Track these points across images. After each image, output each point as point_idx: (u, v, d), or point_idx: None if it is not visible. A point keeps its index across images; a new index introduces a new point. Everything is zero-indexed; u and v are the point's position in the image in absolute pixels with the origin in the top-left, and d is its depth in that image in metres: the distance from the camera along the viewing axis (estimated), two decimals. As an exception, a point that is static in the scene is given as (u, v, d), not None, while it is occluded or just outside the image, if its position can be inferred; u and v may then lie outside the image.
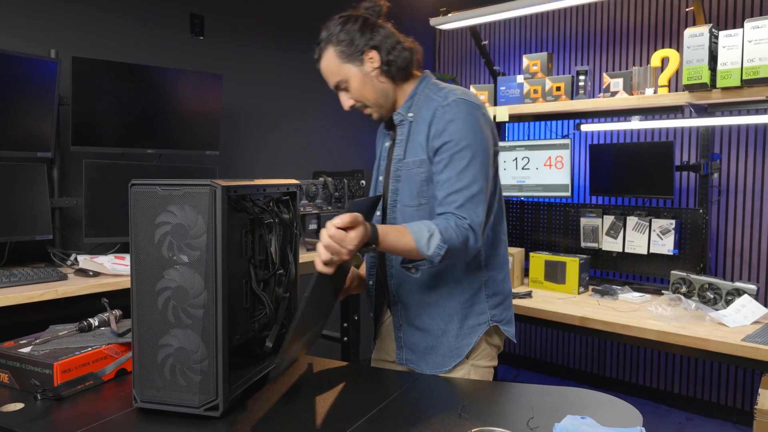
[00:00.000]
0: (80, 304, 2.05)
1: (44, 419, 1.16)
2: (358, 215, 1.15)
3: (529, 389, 1.38)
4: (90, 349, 1.37)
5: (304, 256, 2.67)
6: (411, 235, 1.27)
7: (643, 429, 1.07)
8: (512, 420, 1.18)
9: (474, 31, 3.33)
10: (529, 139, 3.69)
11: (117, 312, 1.58)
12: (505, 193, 3.23)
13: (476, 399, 1.32)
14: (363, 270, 1.64)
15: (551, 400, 1.29)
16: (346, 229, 1.13)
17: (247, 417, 1.15)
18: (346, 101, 1.48)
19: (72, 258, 2.37)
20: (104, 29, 2.73)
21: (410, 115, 1.46)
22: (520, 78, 3.09)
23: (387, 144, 1.56)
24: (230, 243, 1.14)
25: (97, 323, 1.57)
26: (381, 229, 1.24)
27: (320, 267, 1.13)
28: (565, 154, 3.02)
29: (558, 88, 2.94)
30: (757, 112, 2.56)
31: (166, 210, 1.08)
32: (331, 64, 1.44)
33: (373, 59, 1.43)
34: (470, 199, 1.33)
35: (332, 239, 1.11)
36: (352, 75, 1.43)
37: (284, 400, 1.26)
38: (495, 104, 3.19)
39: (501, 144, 3.23)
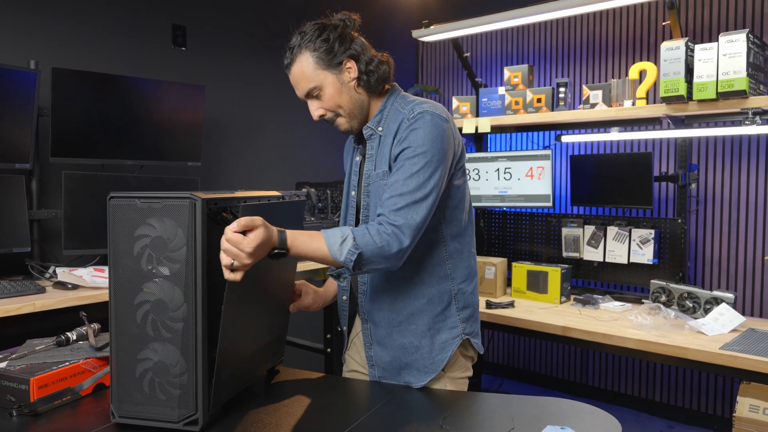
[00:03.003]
0: (59, 318, 2.02)
1: (19, 436, 1.15)
2: (255, 218, 1.12)
3: (510, 400, 1.39)
4: (67, 363, 1.36)
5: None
6: (324, 240, 1.26)
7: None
8: (493, 431, 1.19)
9: (456, 43, 3.36)
10: (510, 150, 3.73)
11: (95, 325, 1.56)
12: (487, 204, 3.26)
13: (457, 410, 1.32)
14: (329, 287, 1.62)
15: (532, 410, 1.30)
16: (244, 232, 1.11)
17: (228, 431, 1.15)
18: (316, 110, 1.44)
19: (50, 270, 2.33)
20: (85, 40, 2.71)
21: (380, 129, 1.46)
22: (501, 90, 3.13)
23: (357, 159, 1.55)
24: (211, 255, 1.13)
25: (75, 337, 1.55)
26: (290, 233, 1.22)
27: (226, 274, 1.10)
28: (547, 164, 3.06)
29: (539, 100, 2.98)
30: (732, 123, 2.61)
31: (146, 223, 1.08)
32: (307, 70, 1.40)
33: (351, 69, 1.41)
34: (411, 204, 1.31)
35: (229, 243, 1.08)
36: (328, 83, 1.40)
37: (266, 413, 1.26)
38: (477, 115, 3.21)
39: (483, 155, 3.26)
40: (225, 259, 1.09)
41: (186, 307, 1.07)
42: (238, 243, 1.09)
